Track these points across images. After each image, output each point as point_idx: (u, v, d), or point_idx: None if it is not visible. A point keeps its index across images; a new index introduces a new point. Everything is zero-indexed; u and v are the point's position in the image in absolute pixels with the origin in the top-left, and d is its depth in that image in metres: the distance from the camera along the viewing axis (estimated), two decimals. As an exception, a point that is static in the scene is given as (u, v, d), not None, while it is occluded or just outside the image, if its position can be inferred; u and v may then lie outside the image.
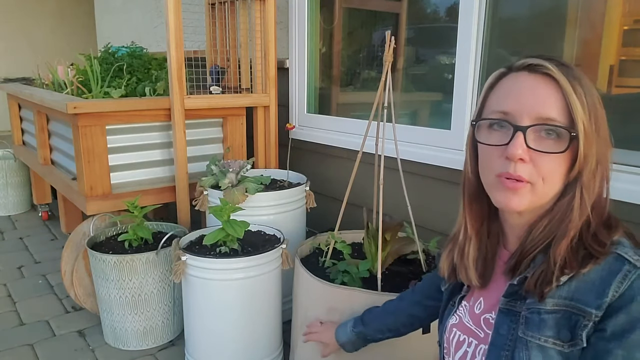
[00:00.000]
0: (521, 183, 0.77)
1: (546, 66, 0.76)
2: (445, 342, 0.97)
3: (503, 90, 0.80)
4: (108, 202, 2.26)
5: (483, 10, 1.87)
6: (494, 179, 0.80)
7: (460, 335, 0.93)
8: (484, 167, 0.83)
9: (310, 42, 2.70)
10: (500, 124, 0.78)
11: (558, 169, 0.77)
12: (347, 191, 1.78)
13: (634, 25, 1.63)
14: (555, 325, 0.76)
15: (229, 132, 2.55)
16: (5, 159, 3.80)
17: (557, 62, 0.77)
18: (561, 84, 0.75)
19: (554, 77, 0.75)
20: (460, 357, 0.92)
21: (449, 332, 0.96)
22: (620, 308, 0.71)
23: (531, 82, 0.77)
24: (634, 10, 1.63)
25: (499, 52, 1.92)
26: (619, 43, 1.65)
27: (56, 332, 2.21)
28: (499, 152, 0.78)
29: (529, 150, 0.75)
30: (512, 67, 0.81)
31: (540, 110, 0.75)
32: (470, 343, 0.90)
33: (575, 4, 1.74)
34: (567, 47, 1.77)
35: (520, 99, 0.77)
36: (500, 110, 0.79)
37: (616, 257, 0.74)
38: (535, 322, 0.77)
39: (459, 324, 0.94)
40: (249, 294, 1.75)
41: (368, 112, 1.73)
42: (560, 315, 0.75)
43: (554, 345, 0.75)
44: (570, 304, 0.75)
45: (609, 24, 1.66)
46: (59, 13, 6.03)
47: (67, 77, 2.75)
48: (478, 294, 0.92)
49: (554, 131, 0.75)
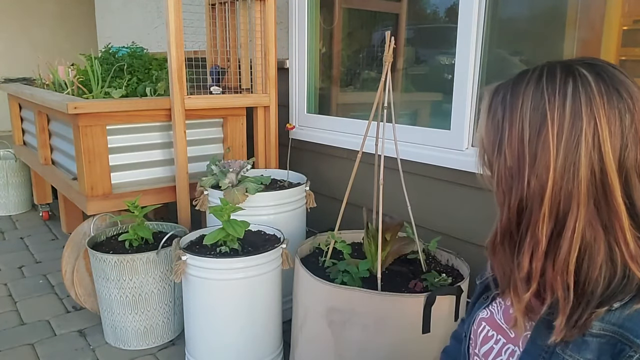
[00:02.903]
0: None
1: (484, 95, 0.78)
2: (472, 334, 0.95)
3: None
4: (108, 202, 2.26)
5: (483, 10, 1.87)
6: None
7: (489, 330, 0.91)
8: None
9: (310, 42, 2.70)
10: None
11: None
12: (347, 191, 1.78)
13: (633, 26, 1.63)
14: (597, 349, 0.72)
15: (229, 132, 2.56)
16: (6, 159, 3.80)
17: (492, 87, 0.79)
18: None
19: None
20: (486, 352, 0.91)
21: (477, 324, 0.94)
22: None
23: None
24: (634, 11, 1.63)
25: (499, 52, 1.92)
26: (619, 43, 1.66)
27: (57, 332, 2.21)
28: None
29: None
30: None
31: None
32: (498, 340, 0.89)
33: (575, 4, 1.75)
34: (566, 47, 1.77)
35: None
36: None
37: None
38: (578, 342, 0.74)
39: (489, 318, 0.92)
40: (249, 293, 1.75)
41: (368, 112, 1.73)
42: (605, 340, 0.72)
43: None
44: (619, 331, 0.71)
45: (609, 24, 1.67)
46: (60, 13, 6.03)
47: (68, 77, 2.75)
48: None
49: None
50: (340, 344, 1.58)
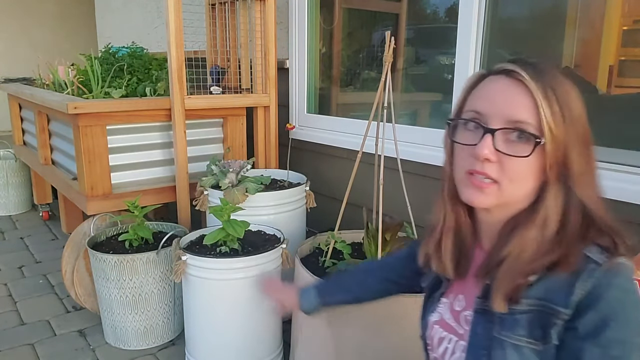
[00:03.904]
0: (487, 183, 0.79)
1: (519, 72, 0.78)
2: (428, 339, 0.99)
3: (479, 92, 0.83)
4: (108, 202, 2.26)
5: (483, 10, 1.87)
6: (463, 176, 0.83)
7: (441, 332, 0.95)
8: (456, 164, 0.86)
9: (310, 42, 2.70)
10: (473, 125, 0.81)
11: (525, 172, 0.78)
12: (347, 191, 1.78)
13: (633, 26, 1.63)
14: (528, 324, 0.78)
15: (229, 132, 2.56)
16: (6, 159, 3.80)
17: (533, 68, 0.79)
18: (532, 90, 0.77)
19: (525, 84, 0.77)
20: (442, 353, 0.94)
21: (430, 328, 0.98)
22: (589, 306, 0.74)
23: (505, 87, 0.79)
24: (634, 11, 1.63)
25: (499, 52, 1.92)
26: (619, 43, 1.66)
27: (57, 332, 2.21)
28: (469, 150, 0.81)
29: (497, 152, 0.78)
30: (491, 71, 0.84)
31: (510, 113, 0.77)
32: (450, 340, 0.92)
33: (575, 4, 1.75)
34: (566, 47, 1.77)
35: (493, 102, 0.79)
36: (474, 110, 0.82)
37: (582, 257, 0.76)
38: (509, 322, 0.79)
39: (440, 320, 0.96)
40: (249, 293, 1.75)
41: (368, 112, 1.73)
42: (532, 315, 0.78)
43: (528, 344, 0.78)
44: (542, 303, 0.77)
45: (609, 24, 1.67)
46: (60, 13, 6.03)
47: (68, 77, 2.75)
48: (457, 291, 0.94)
49: (522, 135, 0.77)
50: (340, 344, 1.58)
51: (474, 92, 0.85)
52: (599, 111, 1.73)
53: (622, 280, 0.74)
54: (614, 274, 0.74)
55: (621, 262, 0.76)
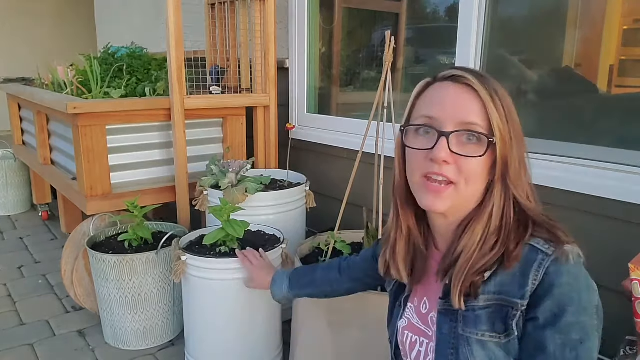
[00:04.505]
0: (444, 186, 0.83)
1: (467, 77, 0.83)
2: (400, 345, 1.02)
3: (429, 98, 0.87)
4: (108, 202, 2.26)
5: (483, 10, 1.87)
6: (420, 180, 0.86)
7: (412, 337, 0.97)
8: (411, 169, 0.88)
9: (310, 42, 2.70)
10: (426, 129, 0.85)
11: (479, 171, 0.83)
12: (347, 191, 1.78)
13: (633, 25, 1.63)
14: (489, 319, 0.82)
15: (229, 132, 2.55)
16: (5, 159, 3.80)
17: (477, 74, 0.84)
18: (480, 93, 0.82)
19: (474, 88, 0.82)
20: (415, 357, 0.96)
21: (401, 334, 1.00)
22: (544, 295, 0.78)
23: (455, 91, 0.84)
24: (634, 10, 1.63)
25: (499, 52, 1.92)
26: (619, 43, 1.66)
27: (56, 332, 2.21)
28: (424, 155, 0.84)
29: (452, 154, 0.81)
30: (437, 78, 0.88)
31: (462, 117, 0.82)
32: (422, 343, 0.95)
33: (575, 4, 1.74)
34: (567, 46, 1.77)
35: (445, 107, 0.84)
36: (426, 116, 0.85)
37: (530, 248, 0.81)
38: (472, 319, 0.83)
39: (408, 325, 0.99)
40: (249, 293, 1.75)
41: (368, 112, 1.73)
42: (492, 309, 0.82)
43: (491, 339, 0.82)
44: (499, 297, 0.81)
45: (609, 23, 1.66)
46: (59, 13, 6.03)
47: (67, 77, 2.75)
48: (422, 294, 0.96)
49: (474, 136, 0.82)
50: (340, 344, 1.58)
51: (422, 99, 0.89)
52: (600, 111, 1.73)
53: (571, 267, 0.78)
54: (563, 261, 0.78)
55: (567, 249, 0.79)
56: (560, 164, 1.68)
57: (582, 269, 0.80)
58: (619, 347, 1.30)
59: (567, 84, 1.81)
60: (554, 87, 1.85)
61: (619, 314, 1.19)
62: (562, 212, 1.41)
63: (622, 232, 1.53)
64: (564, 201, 1.61)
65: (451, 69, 0.87)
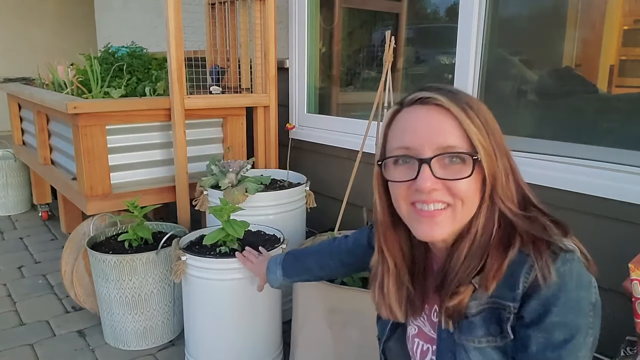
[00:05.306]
0: (440, 209, 0.80)
1: (435, 97, 0.79)
2: (410, 352, 1.01)
3: (400, 127, 0.83)
4: (108, 202, 2.26)
5: (483, 10, 1.87)
6: (408, 209, 0.83)
7: (423, 345, 0.96)
8: (398, 202, 0.84)
9: (310, 42, 2.70)
10: (405, 159, 0.81)
11: (471, 190, 0.79)
12: (347, 191, 1.78)
13: (634, 25, 1.63)
14: (483, 323, 0.81)
15: (229, 132, 2.55)
16: (5, 159, 3.80)
17: (445, 91, 0.80)
18: (453, 111, 0.77)
19: (445, 106, 0.78)
20: None
21: (411, 342, 0.99)
22: (531, 295, 0.77)
23: (425, 115, 0.79)
24: (634, 10, 1.63)
25: (499, 52, 1.92)
26: (619, 43, 1.65)
27: (56, 332, 2.21)
28: (408, 185, 0.81)
29: (438, 180, 0.78)
30: (403, 103, 0.84)
31: (438, 140, 0.78)
32: (434, 351, 0.93)
33: (576, 4, 1.74)
34: (567, 46, 1.77)
35: (418, 133, 0.79)
36: (402, 146, 0.81)
37: (520, 252, 0.79)
38: (466, 327, 0.83)
39: (419, 333, 0.97)
40: (249, 294, 1.75)
41: (368, 112, 1.73)
42: (485, 313, 0.81)
43: (488, 343, 0.81)
44: (492, 300, 0.80)
45: (609, 23, 1.66)
46: (59, 13, 6.03)
47: (67, 77, 2.75)
48: (432, 303, 0.94)
49: (457, 157, 0.78)
50: (340, 345, 1.58)
51: (393, 129, 0.84)
52: (600, 111, 1.73)
53: (560, 265, 0.76)
54: (552, 261, 0.77)
55: (557, 249, 0.77)
56: (560, 164, 1.68)
57: (573, 266, 0.77)
58: (619, 347, 1.30)
59: (567, 84, 1.81)
60: (554, 87, 1.85)
61: (619, 314, 1.19)
62: (562, 212, 1.41)
63: (622, 232, 1.53)
64: (564, 201, 1.61)
65: (417, 91, 0.82)
